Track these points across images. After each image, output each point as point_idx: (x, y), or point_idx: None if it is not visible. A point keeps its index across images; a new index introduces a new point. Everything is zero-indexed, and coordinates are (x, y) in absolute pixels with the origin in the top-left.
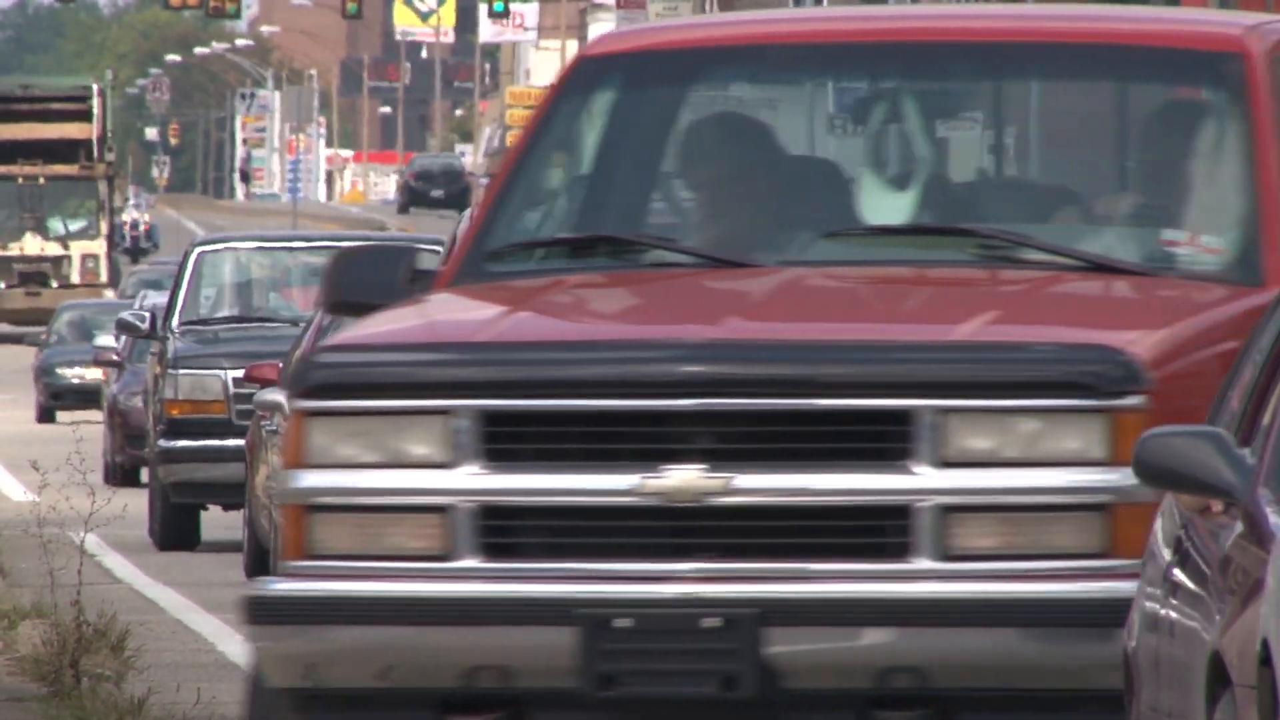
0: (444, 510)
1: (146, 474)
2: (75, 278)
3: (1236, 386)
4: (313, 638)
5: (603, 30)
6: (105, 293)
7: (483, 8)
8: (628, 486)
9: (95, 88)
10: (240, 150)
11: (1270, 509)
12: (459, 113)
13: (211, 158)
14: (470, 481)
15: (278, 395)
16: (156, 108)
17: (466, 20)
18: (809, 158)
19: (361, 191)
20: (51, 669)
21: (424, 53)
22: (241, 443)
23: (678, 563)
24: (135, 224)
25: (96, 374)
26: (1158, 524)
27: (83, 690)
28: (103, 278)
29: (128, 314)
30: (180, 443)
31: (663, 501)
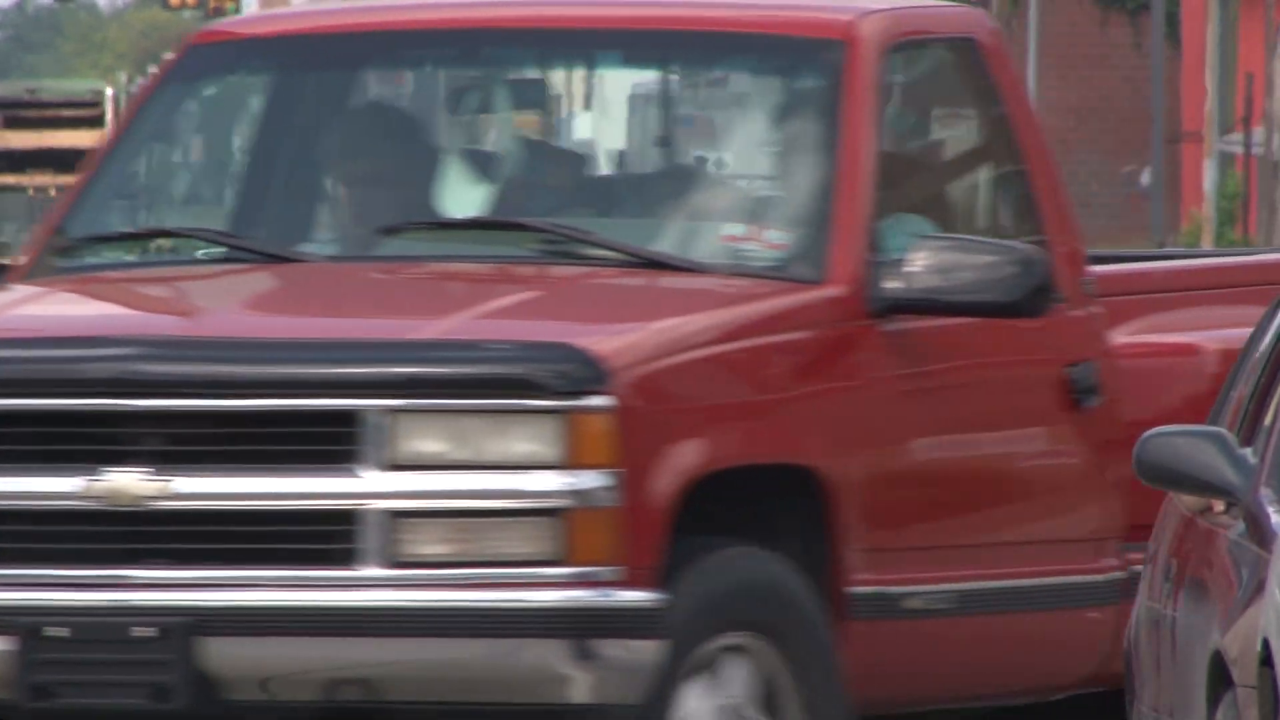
0: None
1: None
2: None
3: (1238, 386)
4: None
5: None
6: None
7: None
8: (72, 490)
9: (108, 92)
10: None
11: (1272, 509)
12: None
13: None
14: None
15: None
16: None
17: None
18: (394, 149)
19: None
20: None
21: None
22: None
23: (116, 569)
24: None
25: None
26: (1159, 524)
27: None
28: None
29: None
30: None
31: (104, 505)
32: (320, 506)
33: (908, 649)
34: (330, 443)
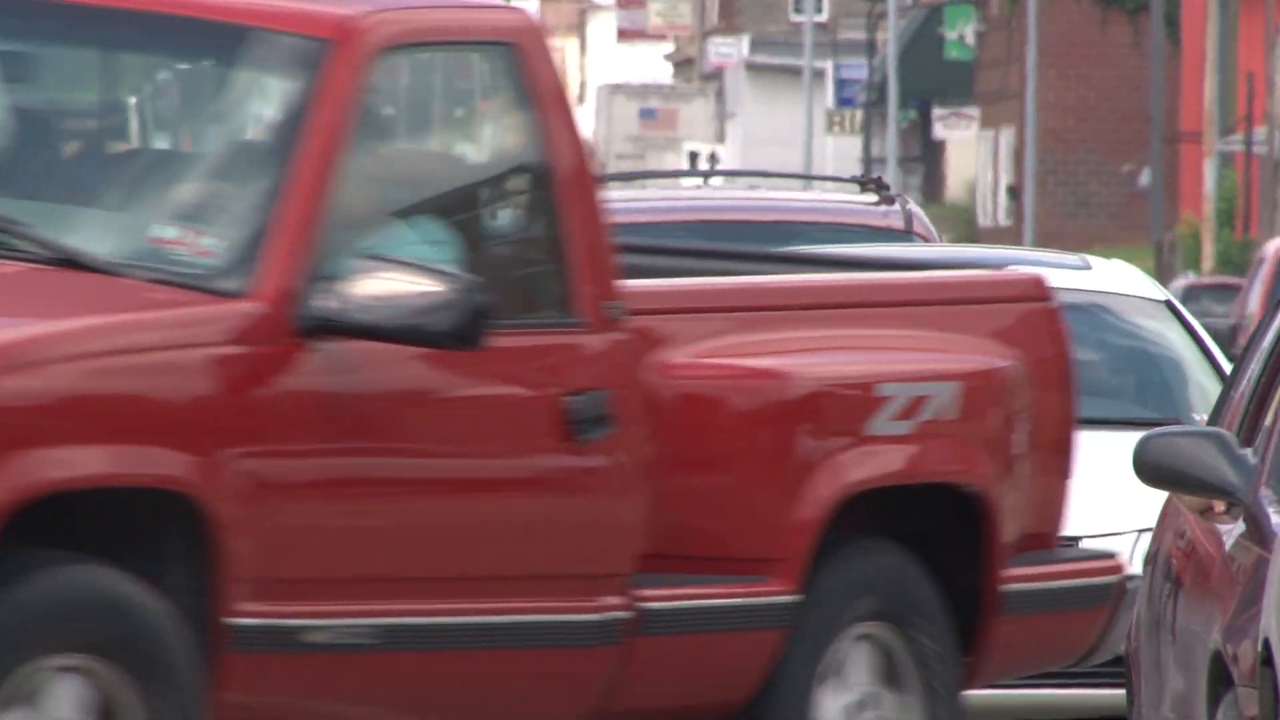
0: None
1: None
2: None
3: (1236, 387)
4: None
5: (603, 30)
6: None
7: None
8: None
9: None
10: None
11: (1272, 509)
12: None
13: None
14: None
15: None
16: None
17: None
18: None
19: None
20: None
21: None
22: None
23: None
24: None
25: None
26: (1160, 524)
27: None
28: None
29: None
30: None
31: None
32: None
33: (311, 684)
34: None
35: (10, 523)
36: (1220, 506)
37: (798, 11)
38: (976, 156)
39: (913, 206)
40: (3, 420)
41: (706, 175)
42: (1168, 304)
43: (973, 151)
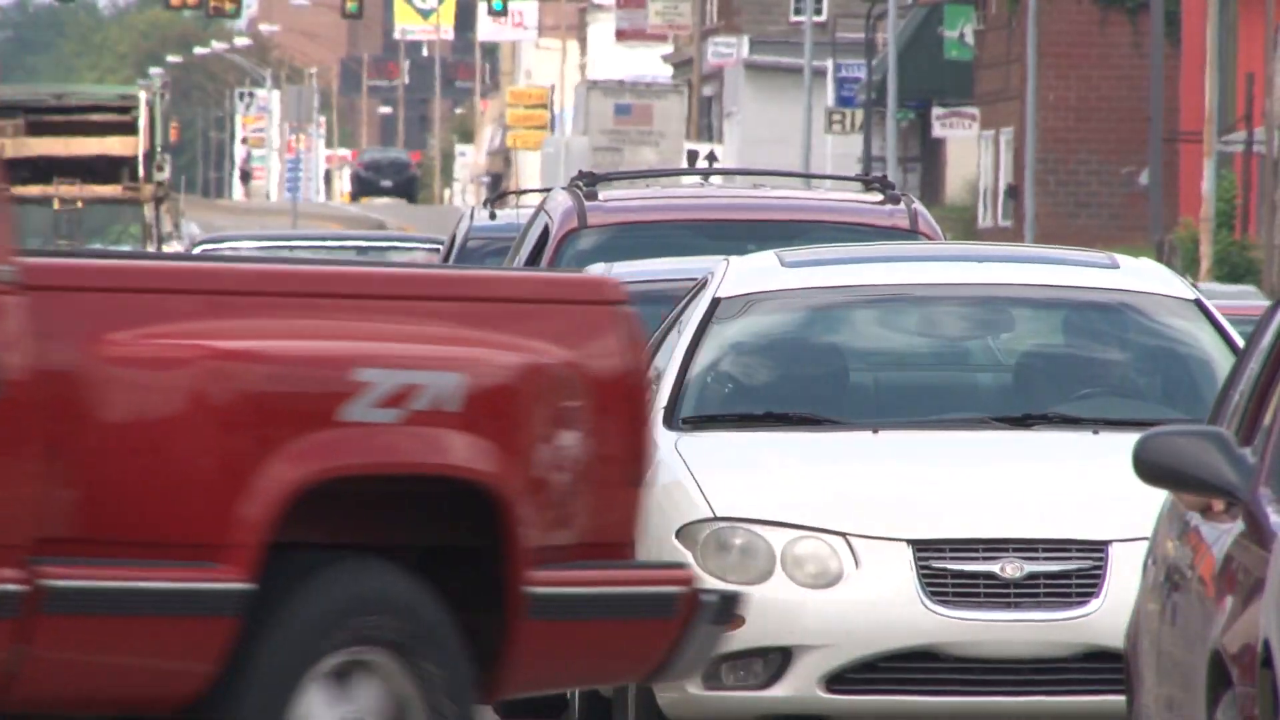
0: None
1: None
2: None
3: (1236, 386)
4: None
5: (602, 30)
6: None
7: (482, 6)
8: None
9: (142, 96)
10: (240, 150)
11: (1271, 508)
12: (459, 112)
13: (211, 158)
14: None
15: None
16: None
17: (466, 18)
18: None
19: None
20: None
21: (424, 51)
22: None
23: None
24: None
25: None
26: (1159, 524)
27: None
28: None
29: None
30: None
31: None
32: None
33: None
34: None
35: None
36: (1219, 506)
37: (797, 11)
38: (976, 156)
39: (918, 206)
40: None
41: (707, 174)
42: (1197, 303)
43: (972, 151)
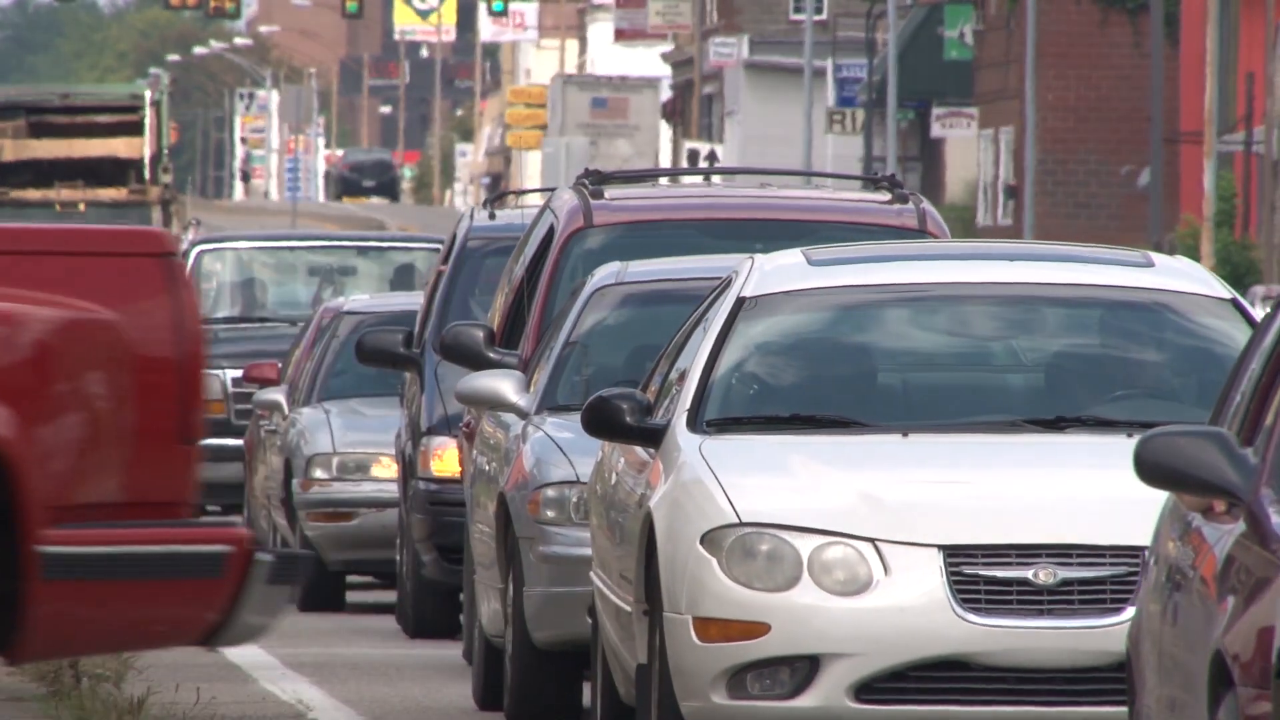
0: None
1: None
2: None
3: (1237, 387)
4: None
5: (602, 30)
6: None
7: (482, 6)
8: None
9: (148, 95)
10: (240, 150)
11: (1273, 509)
12: (459, 112)
13: (211, 158)
14: None
15: (277, 395)
16: None
17: (466, 19)
18: None
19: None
20: (51, 669)
21: (424, 52)
22: (240, 443)
23: None
24: None
25: None
26: (1161, 524)
27: (82, 690)
28: None
29: None
30: None
31: None
32: None
33: None
34: None
35: None
36: (1221, 506)
37: (797, 11)
38: (976, 156)
39: (926, 205)
40: None
41: (721, 173)
42: (1234, 302)
43: (972, 151)
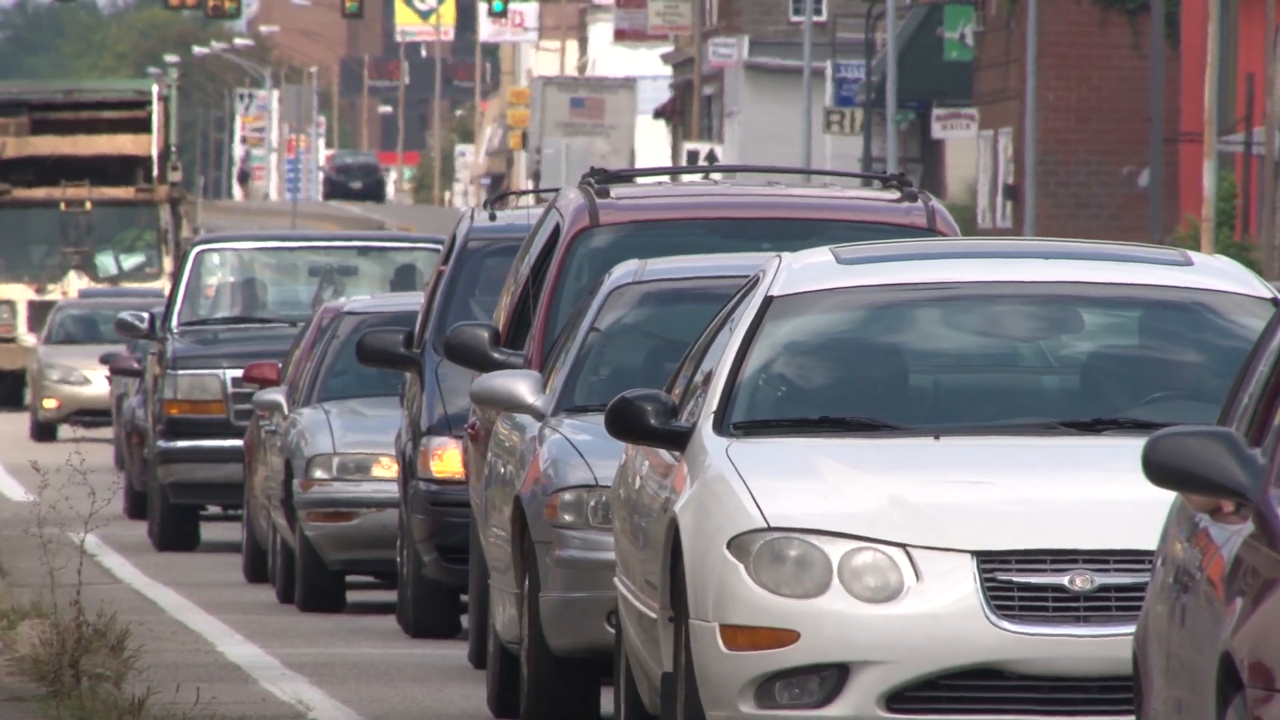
0: None
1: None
2: None
3: (1245, 387)
4: None
5: (602, 30)
6: None
7: (482, 7)
8: None
9: (155, 91)
10: (239, 150)
11: None
12: (459, 112)
13: (210, 158)
14: None
15: (277, 395)
16: None
17: (466, 19)
18: None
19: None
20: (51, 669)
21: (424, 52)
22: (240, 443)
23: None
24: None
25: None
26: (1168, 525)
27: (82, 690)
28: None
29: (127, 314)
30: (179, 443)
31: None
32: None
33: None
34: None
35: None
36: (1229, 507)
37: (797, 11)
38: (976, 157)
39: (935, 203)
40: None
41: (729, 170)
42: (1274, 302)
43: (972, 152)
